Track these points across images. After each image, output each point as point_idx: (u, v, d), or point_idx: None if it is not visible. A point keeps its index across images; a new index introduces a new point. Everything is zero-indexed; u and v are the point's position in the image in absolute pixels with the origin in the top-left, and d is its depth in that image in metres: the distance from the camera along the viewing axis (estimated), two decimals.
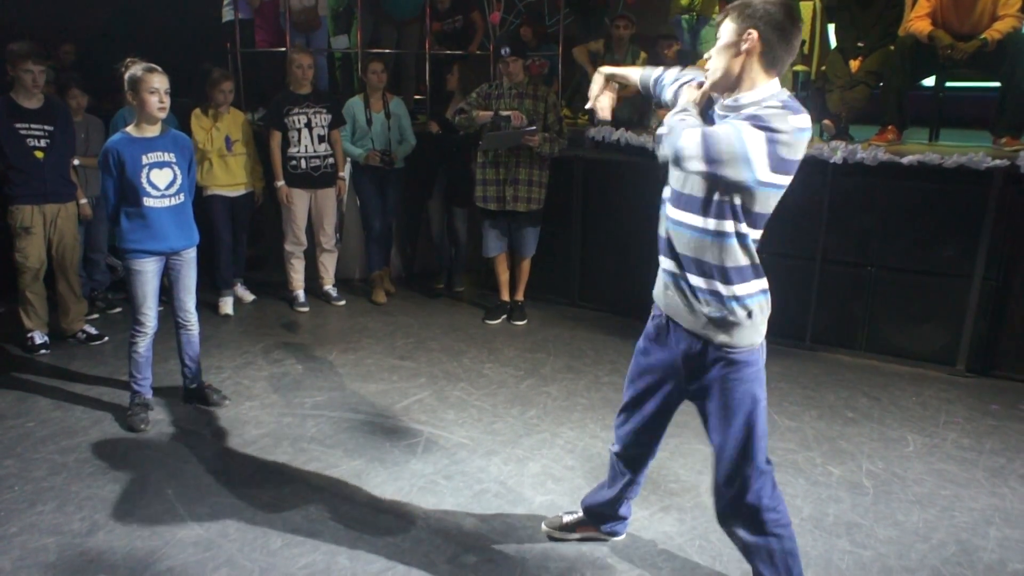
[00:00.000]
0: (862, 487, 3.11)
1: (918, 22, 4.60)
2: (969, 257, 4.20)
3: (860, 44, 4.98)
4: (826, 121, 4.94)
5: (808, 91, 5.44)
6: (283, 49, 6.26)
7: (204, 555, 2.62)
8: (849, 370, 4.34)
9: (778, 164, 1.88)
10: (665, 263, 2.23)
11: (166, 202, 3.47)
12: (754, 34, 1.91)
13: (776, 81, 1.97)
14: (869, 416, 3.78)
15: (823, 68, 5.34)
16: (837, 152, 4.37)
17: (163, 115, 3.39)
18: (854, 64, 5.01)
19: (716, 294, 2.07)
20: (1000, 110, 4.46)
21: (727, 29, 1.96)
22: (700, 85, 2.10)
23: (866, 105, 4.99)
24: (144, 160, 3.39)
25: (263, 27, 6.59)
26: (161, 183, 3.45)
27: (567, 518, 2.76)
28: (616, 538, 2.72)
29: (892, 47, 4.82)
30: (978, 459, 3.36)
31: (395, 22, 6.84)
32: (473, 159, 5.04)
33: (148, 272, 3.46)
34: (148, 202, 3.41)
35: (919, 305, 4.38)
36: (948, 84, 5.09)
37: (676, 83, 2.28)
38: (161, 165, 3.44)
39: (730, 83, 1.99)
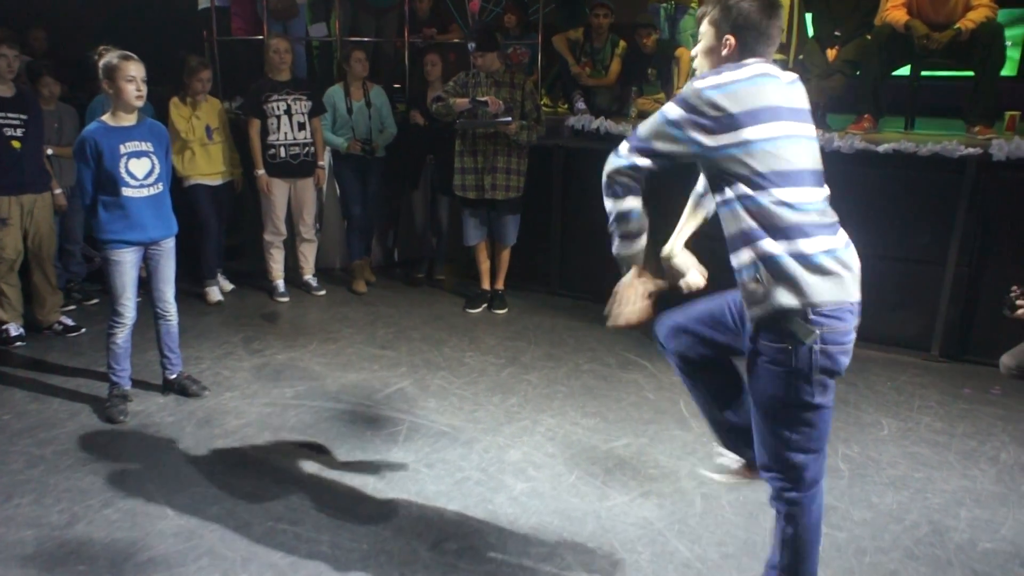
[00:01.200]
0: (838, 470, 3.16)
1: (894, 11, 4.64)
2: (943, 244, 4.27)
3: (837, 33, 5.03)
4: None
5: None
6: (260, 37, 6.20)
7: (185, 545, 2.62)
8: None
9: (708, 123, 1.86)
10: None
11: (145, 192, 3.43)
12: (731, 39, 1.95)
13: (756, 62, 1.95)
14: (845, 401, 3.83)
15: (800, 57, 5.37)
16: None
17: (140, 104, 3.36)
18: (831, 53, 5.06)
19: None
20: (973, 99, 4.52)
21: (706, 33, 2.01)
22: None
23: (843, 94, 5.03)
24: (122, 150, 3.35)
25: (240, 14, 6.51)
26: (140, 173, 3.41)
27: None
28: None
29: (868, 36, 4.87)
30: (950, 442, 3.42)
31: (374, 10, 6.78)
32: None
33: (127, 262, 3.43)
34: (127, 192, 3.38)
35: (894, 292, 4.45)
36: (923, 73, 5.14)
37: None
38: (139, 155, 3.41)
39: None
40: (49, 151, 4.56)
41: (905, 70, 5.07)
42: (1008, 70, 5.65)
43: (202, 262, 5.17)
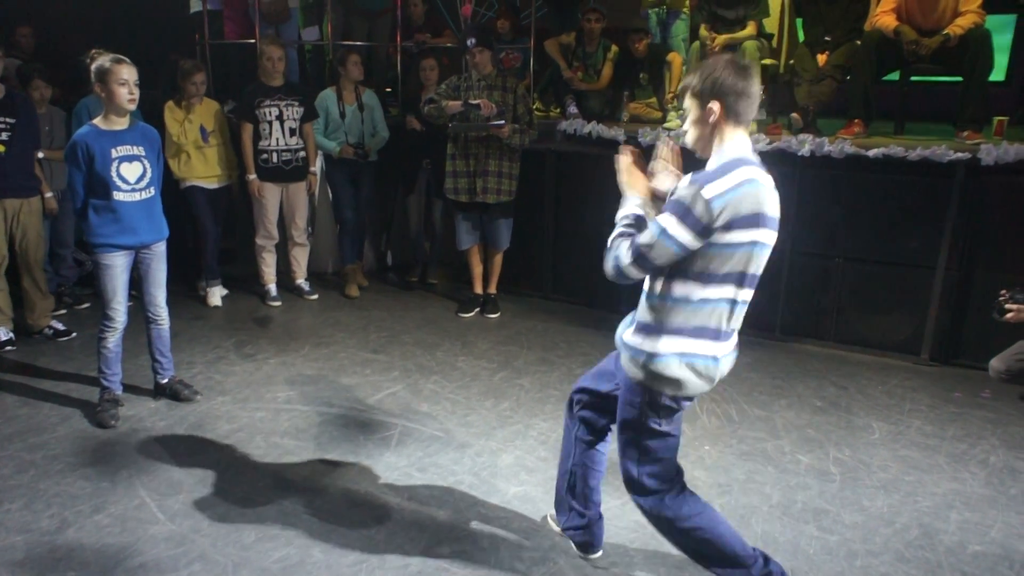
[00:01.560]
0: (829, 474, 3.18)
1: (884, 17, 4.67)
2: (932, 248, 4.29)
3: (827, 38, 5.05)
4: (794, 114, 5.01)
5: (776, 84, 5.50)
6: (252, 41, 6.20)
7: (177, 551, 2.61)
8: (818, 360, 4.42)
9: (703, 229, 1.99)
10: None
11: (136, 196, 3.42)
12: (716, 106, 2.06)
13: (741, 133, 2.10)
14: (837, 405, 3.85)
15: (791, 62, 5.40)
16: (805, 145, 4.44)
17: (133, 107, 3.35)
18: (821, 58, 5.08)
19: None
20: (962, 104, 4.55)
21: (691, 105, 2.12)
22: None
23: (833, 98, 5.06)
24: (114, 153, 3.35)
25: (232, 18, 6.50)
26: (131, 177, 3.40)
27: None
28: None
29: (858, 42, 4.89)
30: (940, 445, 3.44)
31: (366, 14, 6.79)
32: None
33: (117, 266, 3.42)
34: (118, 196, 3.37)
35: (885, 296, 4.47)
36: (913, 78, 5.18)
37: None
38: (131, 159, 3.40)
39: (708, 147, 2.13)
40: (40, 155, 4.54)
41: (895, 75, 5.11)
42: (996, 75, 5.69)
43: (201, 264, 5.16)
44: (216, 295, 5.21)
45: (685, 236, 1.99)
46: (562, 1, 6.62)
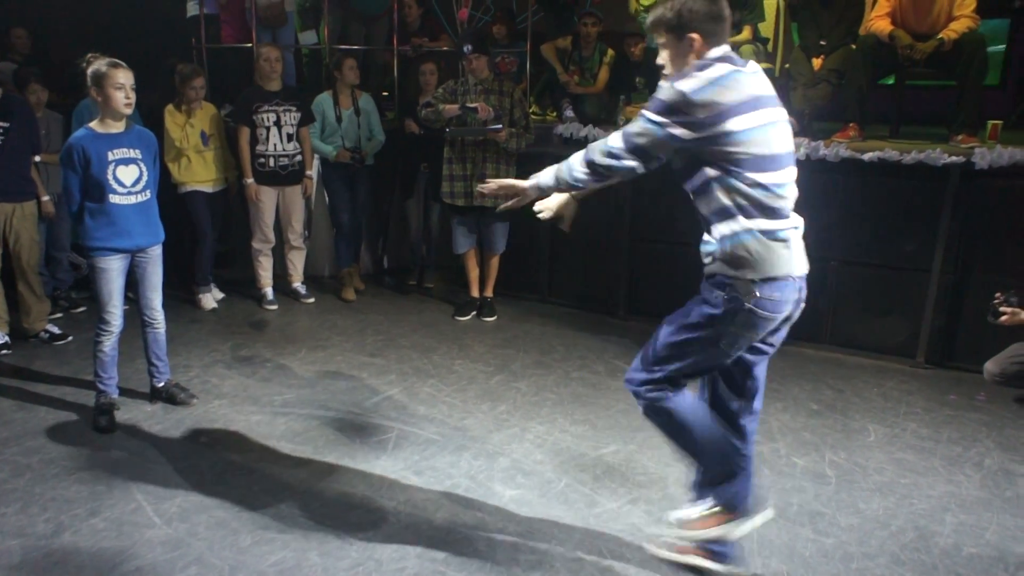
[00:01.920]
0: (825, 477, 3.19)
1: (878, 21, 4.70)
2: (928, 252, 4.31)
3: (822, 43, 5.07)
4: (789, 118, 5.02)
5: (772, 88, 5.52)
6: (249, 45, 6.20)
7: (173, 554, 2.61)
8: (814, 363, 4.43)
9: (691, 123, 2.08)
10: None
11: (132, 199, 3.43)
12: (695, 36, 2.15)
13: (718, 48, 2.16)
14: (833, 408, 3.86)
15: (787, 66, 5.42)
16: (800, 149, 4.44)
17: (129, 111, 3.35)
18: (816, 62, 5.10)
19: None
20: (956, 108, 4.57)
21: (668, 40, 2.19)
22: None
23: (828, 102, 5.08)
24: (110, 156, 3.35)
25: (229, 22, 6.51)
26: (128, 180, 3.40)
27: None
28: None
29: (853, 46, 4.91)
30: (936, 448, 3.45)
31: (363, 18, 6.80)
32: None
33: (113, 270, 3.42)
34: (114, 199, 3.37)
35: (880, 299, 4.48)
36: (908, 82, 5.20)
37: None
38: (127, 162, 3.40)
39: (688, 70, 2.18)
40: (37, 158, 4.53)
41: (890, 79, 5.12)
42: (990, 79, 5.72)
43: (196, 268, 5.16)
44: (210, 299, 5.21)
45: (674, 127, 2.09)
46: (558, 5, 6.64)
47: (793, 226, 2.22)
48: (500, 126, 4.60)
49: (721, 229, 2.19)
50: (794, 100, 5.10)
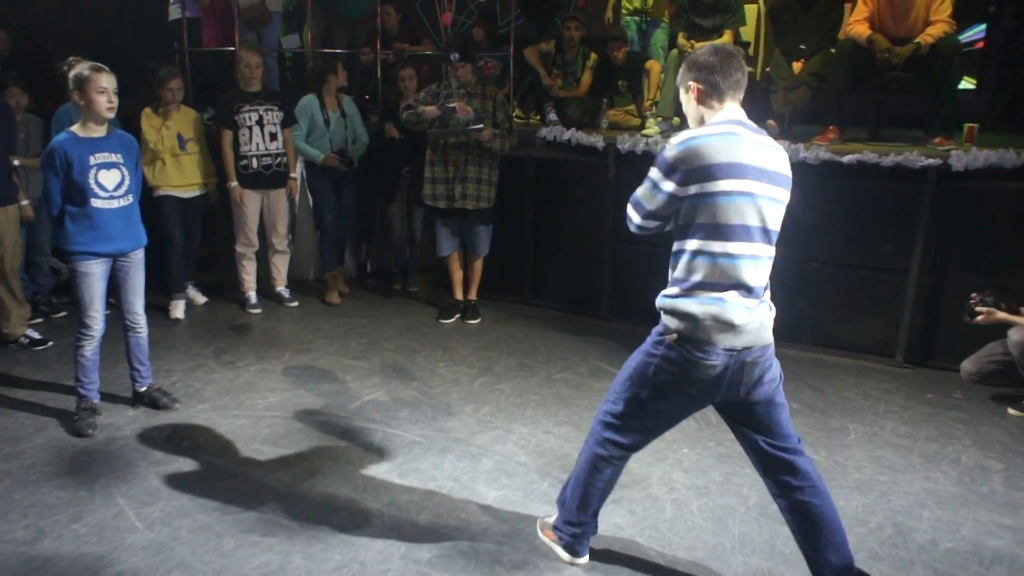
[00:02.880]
0: None
1: (857, 26, 4.76)
2: (906, 253, 4.37)
3: (802, 47, 5.13)
4: (770, 121, 5.08)
5: (753, 92, 5.57)
6: (232, 48, 6.19)
7: (155, 559, 2.60)
8: (795, 363, 4.47)
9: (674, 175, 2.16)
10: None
11: (115, 203, 3.41)
12: (695, 85, 2.25)
13: (731, 105, 2.24)
14: (813, 407, 3.90)
15: (768, 69, 5.48)
16: None
17: (111, 115, 3.34)
18: (797, 66, 5.16)
19: None
20: (933, 111, 4.63)
21: (681, 94, 2.32)
22: None
23: (808, 105, 5.14)
24: (92, 161, 3.33)
25: (211, 24, 6.50)
26: (109, 184, 3.39)
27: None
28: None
29: (833, 50, 4.98)
30: (914, 446, 3.50)
31: (346, 22, 6.81)
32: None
33: (95, 274, 3.41)
34: (96, 203, 3.35)
35: (860, 300, 4.54)
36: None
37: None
38: (109, 166, 3.39)
39: (701, 120, 2.28)
40: (16, 162, 4.50)
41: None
42: (966, 83, 5.81)
43: (167, 275, 5.11)
44: (178, 308, 5.12)
45: (665, 184, 2.17)
46: (540, 10, 6.68)
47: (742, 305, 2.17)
48: (482, 126, 4.62)
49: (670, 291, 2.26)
50: (775, 103, 5.16)
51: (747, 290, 2.17)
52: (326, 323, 5.07)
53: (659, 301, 2.27)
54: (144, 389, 3.75)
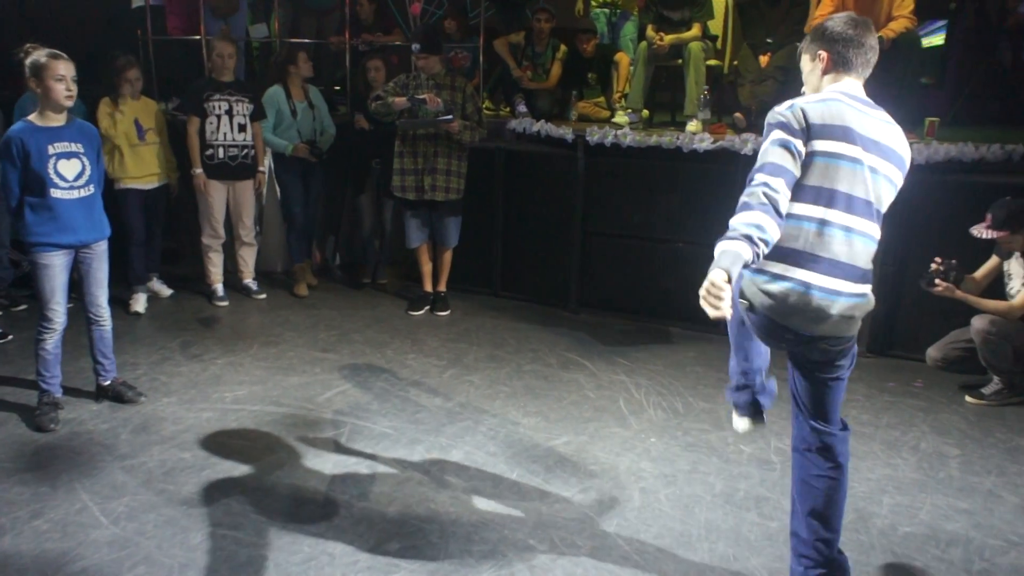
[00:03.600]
0: (770, 463, 3.27)
1: (823, 20, 4.81)
2: None
3: (769, 40, 5.18)
4: (737, 114, 5.13)
5: (720, 85, 5.62)
6: (197, 37, 6.10)
7: (120, 554, 2.57)
8: None
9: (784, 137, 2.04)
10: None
11: (75, 194, 3.35)
12: (823, 54, 2.19)
13: (850, 80, 2.18)
14: (779, 396, 3.95)
15: (735, 63, 5.53)
16: (748, 144, 4.55)
17: (70, 103, 3.28)
18: (764, 59, 5.21)
19: None
20: (895, 105, 4.70)
21: (805, 62, 2.26)
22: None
23: (775, 99, 5.18)
24: (51, 150, 3.27)
25: (175, 12, 6.39)
26: (69, 174, 3.33)
27: None
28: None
29: (799, 44, 5.03)
30: (875, 433, 3.57)
31: (314, 12, 6.74)
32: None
33: (56, 266, 3.35)
34: (56, 193, 3.29)
35: None
36: None
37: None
38: (69, 155, 3.32)
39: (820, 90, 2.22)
40: None
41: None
42: (929, 78, 5.91)
43: (128, 269, 5.02)
44: (140, 301, 5.02)
45: (791, 140, 2.02)
46: (510, 1, 6.67)
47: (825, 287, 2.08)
48: (451, 117, 4.61)
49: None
50: (741, 96, 5.21)
51: (837, 268, 2.08)
52: (294, 315, 5.03)
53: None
54: (108, 383, 3.70)
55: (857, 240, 2.11)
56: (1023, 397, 3.90)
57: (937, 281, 3.74)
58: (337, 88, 6.62)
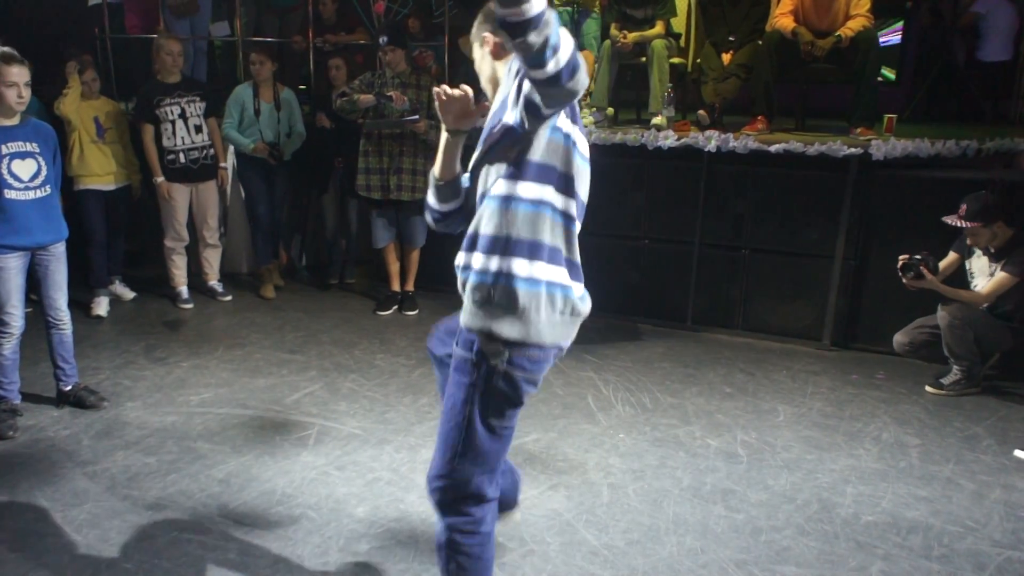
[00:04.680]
0: (737, 456, 3.32)
1: (782, 19, 4.89)
2: (831, 239, 4.52)
3: (731, 38, 5.24)
4: (701, 111, 5.18)
5: (684, 82, 5.67)
6: (156, 36, 6.00)
7: (81, 562, 2.52)
8: (727, 348, 4.59)
9: None
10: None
11: (31, 194, 3.28)
12: (489, 36, 1.99)
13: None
14: (744, 390, 4.01)
15: (698, 61, 5.58)
16: (712, 141, 4.60)
17: (22, 108, 3.20)
18: (726, 57, 5.27)
19: None
20: (855, 102, 4.80)
21: (475, 41, 2.05)
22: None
23: (737, 96, 5.25)
24: (4, 150, 3.20)
25: (133, 10, 6.28)
26: (24, 174, 3.26)
27: None
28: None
29: (760, 42, 5.10)
30: (839, 425, 3.64)
31: (277, 10, 6.67)
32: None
33: (11, 268, 3.27)
34: (10, 194, 3.22)
35: (788, 285, 4.68)
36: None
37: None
38: (23, 155, 3.25)
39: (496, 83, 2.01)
40: None
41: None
42: (887, 75, 6.03)
43: (88, 272, 4.93)
44: (100, 305, 4.93)
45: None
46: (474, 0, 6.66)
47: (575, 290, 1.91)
48: (417, 117, 4.60)
49: (495, 262, 1.88)
50: (705, 94, 5.26)
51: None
52: (261, 317, 4.98)
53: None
54: (69, 388, 3.62)
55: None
56: (980, 387, 4.00)
57: (924, 272, 3.84)
58: (302, 87, 6.56)
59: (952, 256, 4.06)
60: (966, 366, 3.94)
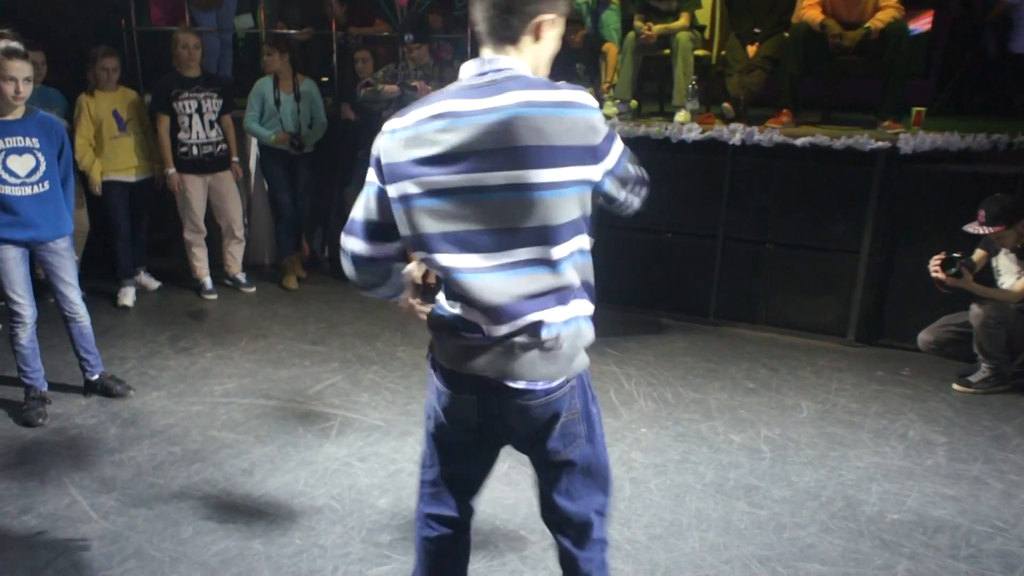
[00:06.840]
0: (760, 452, 3.29)
1: (810, 10, 4.82)
2: (857, 233, 4.47)
3: (757, 30, 5.18)
4: (725, 104, 5.13)
5: (709, 75, 5.62)
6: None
7: (110, 548, 2.56)
8: (750, 343, 4.56)
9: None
10: None
11: (28, 190, 3.26)
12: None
13: (483, 54, 1.67)
14: (768, 386, 3.98)
15: (723, 53, 5.53)
16: (736, 134, 4.56)
17: (19, 103, 3.18)
18: (751, 49, 5.21)
19: None
20: (883, 95, 4.73)
21: None
22: None
23: (763, 88, 5.20)
24: (1, 145, 3.20)
25: (159, 3, 6.32)
26: (21, 170, 3.24)
27: None
28: None
29: (786, 34, 5.04)
30: (864, 422, 3.60)
31: (299, 3, 6.68)
32: None
33: (11, 259, 3.26)
34: (5, 189, 3.20)
35: (813, 280, 4.63)
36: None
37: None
38: (21, 151, 3.23)
39: None
40: None
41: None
42: (915, 68, 5.92)
43: (114, 263, 4.99)
44: (127, 295, 4.96)
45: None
46: None
47: None
48: None
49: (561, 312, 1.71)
50: (730, 87, 5.21)
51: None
52: (284, 308, 5.01)
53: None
54: (96, 377, 3.67)
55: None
56: (1008, 385, 3.94)
57: (964, 272, 3.80)
58: (324, 79, 6.57)
59: (980, 253, 4.00)
60: (995, 364, 3.88)
